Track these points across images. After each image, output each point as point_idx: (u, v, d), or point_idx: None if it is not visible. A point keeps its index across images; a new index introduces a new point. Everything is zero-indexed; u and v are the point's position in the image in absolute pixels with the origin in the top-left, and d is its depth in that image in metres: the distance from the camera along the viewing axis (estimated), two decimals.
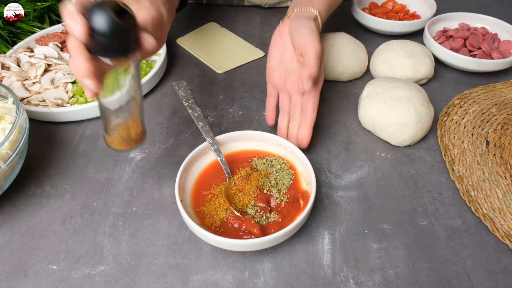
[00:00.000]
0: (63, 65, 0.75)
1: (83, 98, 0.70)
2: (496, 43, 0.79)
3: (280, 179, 0.55)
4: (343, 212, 0.55)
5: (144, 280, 0.47)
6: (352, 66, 0.75)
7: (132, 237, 0.52)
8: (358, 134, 0.67)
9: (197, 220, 0.50)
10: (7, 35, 0.84)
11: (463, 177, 0.58)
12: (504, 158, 0.60)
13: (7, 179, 0.54)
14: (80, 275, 0.48)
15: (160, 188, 0.58)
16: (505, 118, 0.66)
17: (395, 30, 0.87)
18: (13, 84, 0.70)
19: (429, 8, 0.90)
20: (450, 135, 0.64)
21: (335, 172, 0.60)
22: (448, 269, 0.48)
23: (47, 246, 0.51)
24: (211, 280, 0.48)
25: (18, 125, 0.52)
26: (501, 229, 0.51)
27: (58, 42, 0.81)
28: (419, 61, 0.72)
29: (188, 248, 0.51)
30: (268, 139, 0.58)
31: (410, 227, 0.53)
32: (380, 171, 0.60)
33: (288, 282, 0.47)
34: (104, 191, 0.58)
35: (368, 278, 0.47)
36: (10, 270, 0.49)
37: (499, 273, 0.48)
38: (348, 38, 0.77)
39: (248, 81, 0.78)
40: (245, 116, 0.70)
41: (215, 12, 0.99)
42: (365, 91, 0.67)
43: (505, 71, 0.79)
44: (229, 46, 0.88)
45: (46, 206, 0.56)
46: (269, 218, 0.51)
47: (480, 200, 0.55)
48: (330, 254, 0.50)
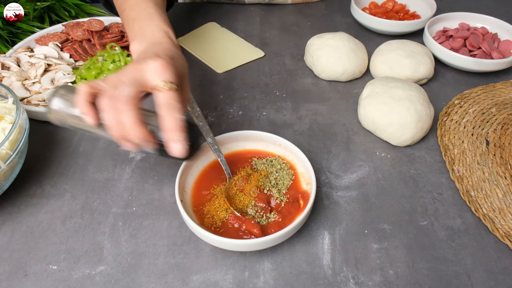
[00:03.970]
0: (63, 65, 0.75)
1: None
2: (496, 43, 0.79)
3: (280, 179, 0.55)
4: (343, 212, 0.55)
5: (144, 280, 0.47)
6: (352, 66, 0.75)
7: (132, 237, 0.52)
8: (358, 134, 0.67)
9: (197, 220, 0.50)
10: (7, 35, 0.84)
11: (463, 177, 0.58)
12: (504, 158, 0.60)
13: (7, 179, 0.54)
14: (80, 275, 0.48)
15: (160, 188, 0.58)
16: (505, 118, 0.66)
17: (395, 30, 0.87)
18: (13, 84, 0.70)
19: (429, 8, 0.90)
20: (450, 135, 0.64)
21: (335, 172, 0.60)
22: (448, 269, 0.48)
23: (47, 246, 0.51)
24: (211, 280, 0.48)
25: (18, 125, 0.52)
26: (501, 229, 0.51)
27: (58, 42, 0.81)
28: (419, 61, 0.72)
29: (188, 248, 0.51)
30: (268, 139, 0.58)
31: (410, 227, 0.53)
32: (380, 171, 0.60)
33: (288, 282, 0.47)
34: (104, 191, 0.58)
35: (368, 278, 0.47)
36: (10, 270, 0.49)
37: (499, 273, 0.48)
38: (348, 38, 0.77)
39: (248, 81, 0.78)
40: (245, 116, 0.70)
41: (215, 12, 0.99)
42: (365, 91, 0.67)
43: (505, 71, 0.79)
44: (229, 46, 0.88)
45: (46, 206, 0.56)
46: (269, 218, 0.51)
47: (480, 200, 0.55)
48: (330, 254, 0.50)
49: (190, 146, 0.44)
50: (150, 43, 0.52)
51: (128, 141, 0.43)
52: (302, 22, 0.96)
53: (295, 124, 0.68)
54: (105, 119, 0.42)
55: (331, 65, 0.75)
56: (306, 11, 1.00)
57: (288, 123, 0.69)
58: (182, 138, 0.42)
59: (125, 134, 0.42)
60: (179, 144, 0.42)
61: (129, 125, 0.41)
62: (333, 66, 0.75)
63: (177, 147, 0.42)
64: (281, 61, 0.84)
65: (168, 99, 0.42)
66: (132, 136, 0.42)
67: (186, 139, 0.42)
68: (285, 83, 0.78)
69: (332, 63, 0.75)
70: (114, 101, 0.41)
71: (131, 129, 0.41)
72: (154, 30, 0.54)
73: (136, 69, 0.43)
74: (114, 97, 0.42)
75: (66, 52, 0.79)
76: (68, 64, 0.75)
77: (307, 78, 0.79)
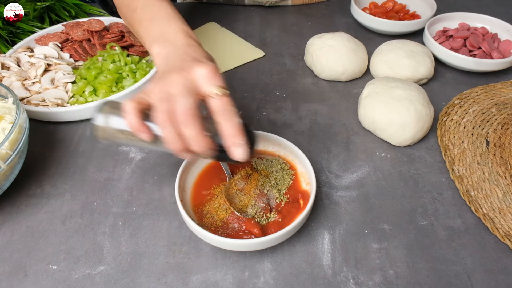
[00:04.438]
0: (63, 65, 0.75)
1: (83, 98, 0.70)
2: (496, 43, 0.79)
3: (280, 179, 0.55)
4: (343, 212, 0.55)
5: (144, 280, 0.47)
6: (352, 66, 0.75)
7: (132, 237, 0.52)
8: (358, 134, 0.67)
9: (197, 220, 0.50)
10: (7, 35, 0.84)
11: (463, 177, 0.58)
12: (504, 158, 0.60)
13: (7, 179, 0.54)
14: (80, 275, 0.48)
15: (160, 188, 0.58)
16: (505, 118, 0.66)
17: (395, 30, 0.87)
18: (13, 84, 0.70)
19: (429, 8, 0.90)
20: (450, 135, 0.64)
21: (335, 172, 0.60)
22: (448, 269, 0.48)
23: (47, 246, 0.51)
24: (211, 280, 0.48)
25: (18, 125, 0.52)
26: (501, 229, 0.51)
27: (58, 42, 0.81)
28: (419, 61, 0.72)
29: (188, 248, 0.51)
30: (268, 139, 0.58)
31: (410, 227, 0.53)
32: (380, 171, 0.60)
33: (288, 282, 0.47)
34: (104, 191, 0.58)
35: (368, 278, 0.47)
36: (10, 270, 0.49)
37: (499, 273, 0.48)
38: (348, 38, 0.77)
39: (248, 81, 0.78)
40: (245, 116, 0.70)
41: (215, 12, 0.99)
42: (365, 91, 0.67)
43: (505, 71, 0.79)
44: (229, 46, 0.88)
45: (46, 206, 0.56)
46: (269, 218, 0.51)
47: (480, 200, 0.55)
48: (330, 254, 0.50)
49: (253, 149, 0.44)
50: (176, 46, 0.49)
51: (189, 152, 0.42)
52: (302, 22, 0.96)
53: (295, 124, 0.68)
54: (165, 134, 0.41)
55: (331, 65, 0.75)
56: (306, 11, 1.00)
57: (288, 123, 0.69)
58: (243, 142, 0.41)
59: (188, 147, 0.41)
60: (241, 149, 0.41)
61: (193, 138, 0.40)
62: (333, 66, 0.75)
63: (239, 151, 0.42)
64: (281, 61, 0.84)
65: (224, 105, 0.41)
66: (195, 147, 0.41)
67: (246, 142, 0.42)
68: (285, 83, 0.78)
69: (332, 63, 0.75)
70: (172, 116, 0.40)
71: (195, 141, 0.40)
72: (176, 31, 0.51)
73: (185, 77, 0.42)
74: (172, 111, 0.40)
75: (66, 52, 0.79)
76: (68, 64, 0.75)
77: (307, 78, 0.79)
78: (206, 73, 0.42)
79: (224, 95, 0.42)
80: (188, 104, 0.40)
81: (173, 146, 0.42)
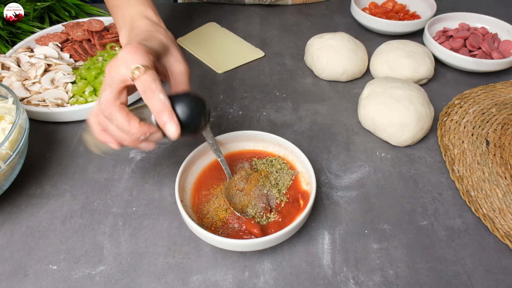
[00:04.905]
0: (63, 65, 0.75)
1: (83, 98, 0.70)
2: (496, 43, 0.79)
3: (280, 179, 0.55)
4: (343, 212, 0.55)
5: (144, 280, 0.47)
6: (352, 66, 0.75)
7: (132, 237, 0.52)
8: (358, 134, 0.67)
9: (197, 220, 0.50)
10: (7, 35, 0.84)
11: (463, 177, 0.58)
12: (504, 158, 0.60)
13: (7, 179, 0.54)
14: (80, 275, 0.48)
15: (160, 188, 0.58)
16: (505, 118, 0.66)
17: (395, 30, 0.87)
18: (13, 84, 0.70)
19: (429, 8, 0.90)
20: (450, 135, 0.64)
21: (335, 172, 0.60)
22: (448, 269, 0.48)
23: (47, 246, 0.51)
24: (211, 280, 0.48)
25: (18, 125, 0.52)
26: (501, 229, 0.51)
27: (58, 42, 0.81)
28: (419, 61, 0.72)
29: (188, 248, 0.51)
30: (268, 139, 0.58)
31: (410, 227, 0.53)
32: (380, 171, 0.60)
33: (288, 282, 0.47)
34: (104, 191, 0.58)
35: (368, 278, 0.47)
36: (10, 270, 0.49)
37: (499, 273, 0.48)
38: (348, 38, 0.77)
39: (248, 81, 0.78)
40: (245, 116, 0.70)
41: (215, 12, 0.99)
42: (365, 91, 0.67)
43: (505, 71, 0.79)
44: (229, 46, 0.88)
45: (46, 206, 0.56)
46: (269, 218, 0.51)
47: (480, 200, 0.55)
48: (330, 254, 0.50)
49: (199, 119, 0.43)
50: (129, 30, 0.49)
51: (138, 142, 0.42)
52: (302, 22, 0.96)
53: (295, 124, 0.68)
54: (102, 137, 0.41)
55: (331, 65, 0.75)
56: (306, 11, 1.00)
57: (288, 123, 0.69)
58: (170, 118, 0.40)
59: (128, 137, 0.41)
60: (169, 126, 0.40)
61: (123, 127, 0.40)
62: (333, 66, 0.75)
63: (169, 128, 0.40)
64: (281, 61, 0.84)
65: (145, 84, 0.40)
66: (134, 136, 0.40)
67: (172, 118, 0.40)
68: (285, 83, 0.78)
69: (332, 63, 0.75)
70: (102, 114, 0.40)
71: (128, 130, 0.40)
72: (132, 14, 0.51)
73: (111, 68, 0.41)
74: (101, 109, 0.40)
75: (66, 52, 0.79)
76: (68, 64, 0.75)
77: (307, 78, 0.79)
78: (123, 57, 0.41)
79: (143, 73, 0.40)
80: (108, 96, 0.40)
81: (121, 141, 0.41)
